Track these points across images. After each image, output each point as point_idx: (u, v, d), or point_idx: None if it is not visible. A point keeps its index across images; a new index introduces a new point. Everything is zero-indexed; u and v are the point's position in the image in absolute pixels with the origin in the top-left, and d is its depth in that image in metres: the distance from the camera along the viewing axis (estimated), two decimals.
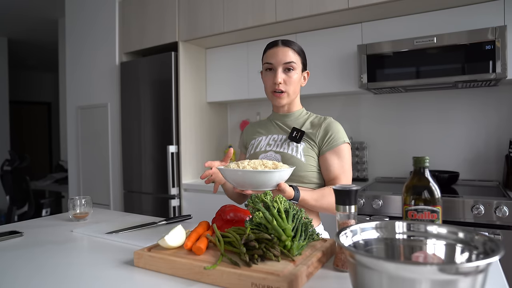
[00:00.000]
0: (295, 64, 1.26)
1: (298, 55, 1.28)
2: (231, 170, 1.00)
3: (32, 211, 4.09)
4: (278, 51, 1.26)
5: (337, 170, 1.22)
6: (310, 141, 1.26)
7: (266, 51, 1.30)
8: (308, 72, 1.36)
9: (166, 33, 2.83)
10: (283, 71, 1.26)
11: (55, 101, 7.01)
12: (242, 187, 1.02)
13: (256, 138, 1.37)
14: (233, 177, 1.01)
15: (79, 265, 0.92)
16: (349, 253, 0.58)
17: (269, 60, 1.27)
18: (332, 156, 1.23)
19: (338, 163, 1.23)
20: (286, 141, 1.28)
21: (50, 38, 5.27)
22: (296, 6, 2.30)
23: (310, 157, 1.24)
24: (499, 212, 1.64)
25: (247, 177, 0.98)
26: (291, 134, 1.27)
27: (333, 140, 1.24)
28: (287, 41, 1.29)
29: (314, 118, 1.33)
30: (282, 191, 1.02)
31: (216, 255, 0.84)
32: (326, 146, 1.24)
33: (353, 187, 0.80)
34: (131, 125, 3.01)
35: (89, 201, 1.46)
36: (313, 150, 1.25)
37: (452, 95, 2.33)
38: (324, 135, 1.25)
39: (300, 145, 1.25)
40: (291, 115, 1.34)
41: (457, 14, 2.05)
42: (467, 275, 0.50)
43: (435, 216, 0.78)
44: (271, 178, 0.98)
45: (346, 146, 1.25)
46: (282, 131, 1.33)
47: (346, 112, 2.69)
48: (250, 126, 1.46)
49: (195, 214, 1.51)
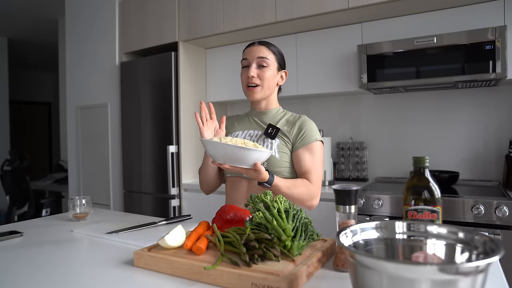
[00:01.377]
0: (268, 60, 1.32)
1: (273, 54, 1.34)
2: (213, 141, 1.04)
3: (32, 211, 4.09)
4: (253, 48, 1.34)
5: (308, 165, 1.28)
6: (285, 137, 1.31)
7: (244, 50, 1.37)
8: (286, 72, 1.41)
9: (166, 33, 2.83)
10: (257, 66, 1.32)
11: (55, 101, 7.01)
12: (221, 160, 1.07)
13: (232, 133, 1.42)
14: (214, 149, 1.05)
15: (79, 265, 0.92)
16: (349, 253, 0.58)
17: (244, 56, 1.35)
18: (305, 152, 1.29)
19: (309, 159, 1.29)
20: (262, 137, 1.34)
21: (50, 38, 5.27)
22: (296, 6, 2.30)
23: (284, 154, 1.29)
24: (499, 212, 1.64)
25: (227, 150, 1.03)
26: (266, 130, 1.33)
27: (306, 137, 1.30)
28: (264, 41, 1.36)
29: (290, 116, 1.39)
30: (257, 171, 1.08)
31: (216, 255, 0.84)
32: (299, 143, 1.30)
33: (353, 187, 0.80)
34: (131, 125, 3.00)
35: (89, 201, 1.46)
36: (286, 146, 1.31)
37: (452, 95, 2.33)
38: (298, 132, 1.31)
39: (275, 142, 1.30)
40: (268, 112, 1.40)
41: (457, 14, 2.05)
42: (467, 275, 0.50)
43: (435, 216, 0.78)
44: (251, 155, 1.03)
45: (319, 144, 1.31)
46: (258, 127, 1.38)
47: (346, 112, 2.69)
48: (228, 120, 1.50)
49: (195, 214, 1.51)
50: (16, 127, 6.73)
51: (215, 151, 1.05)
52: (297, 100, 2.87)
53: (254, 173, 1.09)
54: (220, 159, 1.06)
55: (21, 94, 7.22)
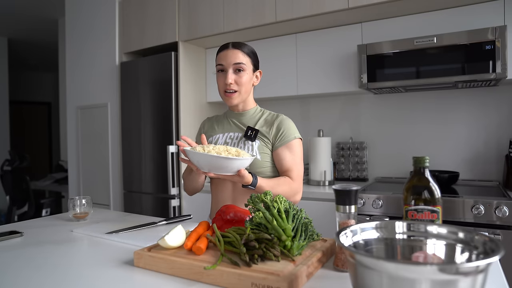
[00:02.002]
0: (244, 65, 1.33)
1: (248, 57, 1.35)
2: (197, 152, 1.06)
3: (32, 211, 4.09)
4: (228, 53, 1.33)
5: (289, 163, 1.32)
6: (264, 138, 1.34)
7: (218, 54, 1.37)
8: (261, 71, 1.43)
9: (166, 33, 2.83)
10: (234, 72, 1.33)
11: (55, 101, 7.01)
12: (204, 169, 1.09)
13: (213, 136, 1.43)
14: (198, 159, 1.08)
15: (79, 265, 0.92)
16: (349, 253, 0.58)
17: (220, 62, 1.34)
18: (285, 151, 1.32)
19: (290, 157, 1.32)
20: (242, 139, 1.35)
21: (50, 38, 5.27)
22: (296, 6, 2.30)
23: (265, 154, 1.32)
24: (499, 212, 1.64)
25: (210, 161, 1.05)
26: (246, 133, 1.34)
27: (285, 136, 1.33)
28: (237, 43, 1.36)
29: (268, 116, 1.41)
30: (242, 176, 1.11)
31: (216, 255, 0.84)
32: (278, 142, 1.33)
33: (353, 187, 0.80)
34: (131, 125, 3.00)
35: (89, 201, 1.46)
36: (267, 147, 1.33)
37: (452, 95, 2.33)
38: (276, 132, 1.34)
39: (255, 143, 1.33)
40: (246, 113, 1.42)
41: (457, 14, 2.05)
42: (467, 275, 0.50)
43: (435, 216, 0.78)
44: (234, 164, 1.07)
45: (298, 141, 1.35)
46: (238, 129, 1.40)
47: (346, 112, 2.69)
48: (208, 121, 1.52)
49: (195, 214, 1.51)
50: (16, 127, 6.73)
51: (199, 161, 1.08)
52: (297, 100, 2.87)
53: (238, 178, 1.12)
54: (205, 168, 1.09)
55: (21, 94, 7.22)
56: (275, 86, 2.63)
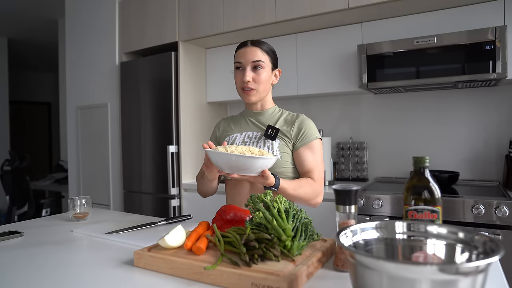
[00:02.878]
0: (263, 63, 1.31)
1: (267, 54, 1.33)
2: (220, 153, 1.04)
3: (32, 211, 4.09)
4: (247, 50, 1.31)
5: (311, 164, 1.29)
6: (285, 138, 1.31)
7: (236, 51, 1.35)
8: (280, 70, 1.41)
9: (166, 33, 2.83)
10: (252, 69, 1.31)
11: (55, 101, 7.01)
12: (228, 170, 1.06)
13: (230, 135, 1.40)
14: (220, 160, 1.05)
15: (79, 265, 0.92)
16: (349, 253, 0.58)
17: (238, 59, 1.33)
18: (306, 151, 1.29)
19: (311, 157, 1.29)
20: (262, 138, 1.33)
21: (50, 38, 5.27)
22: (296, 6, 2.30)
23: (285, 154, 1.30)
24: (499, 212, 1.64)
25: (234, 161, 1.03)
26: (266, 131, 1.31)
27: (306, 136, 1.30)
28: (256, 41, 1.34)
29: (287, 116, 1.38)
30: (265, 177, 1.08)
31: (216, 255, 0.84)
32: (300, 142, 1.30)
33: (353, 187, 0.80)
34: (131, 125, 3.00)
35: (89, 201, 1.46)
36: (287, 146, 1.31)
37: (452, 95, 2.33)
38: (297, 131, 1.31)
39: (276, 143, 1.30)
40: (265, 112, 1.39)
41: (457, 14, 2.05)
42: (467, 275, 0.50)
43: (435, 216, 0.78)
44: (257, 164, 1.04)
45: (318, 142, 1.32)
46: (256, 128, 1.37)
47: (346, 112, 2.69)
48: (223, 121, 1.49)
49: (195, 214, 1.51)
50: (16, 127, 6.73)
51: (222, 161, 1.05)
52: (297, 100, 2.87)
53: (261, 179, 1.09)
54: (227, 169, 1.06)
55: (21, 94, 7.22)
56: (275, 86, 2.61)
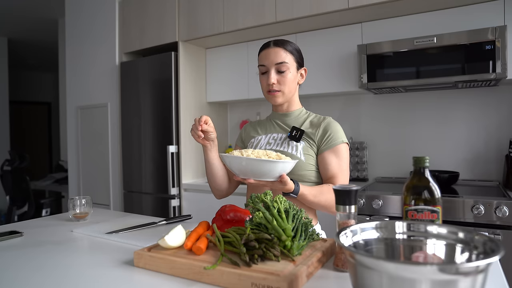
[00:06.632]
0: (287, 64, 1.27)
1: (291, 54, 1.29)
2: (235, 157, 0.98)
3: (32, 211, 4.08)
4: (270, 52, 1.28)
5: (335, 169, 1.23)
6: (310, 140, 1.27)
7: (260, 53, 1.32)
8: (306, 69, 1.37)
9: (166, 33, 2.83)
10: (276, 71, 1.27)
11: (55, 101, 7.01)
12: (244, 175, 1.01)
13: (255, 137, 1.38)
14: (236, 164, 0.99)
15: (79, 265, 0.92)
16: (349, 253, 0.58)
17: (262, 62, 1.30)
18: (331, 155, 1.24)
19: (336, 162, 1.24)
20: (286, 140, 1.29)
21: (50, 38, 5.27)
22: (296, 6, 2.30)
23: (309, 156, 1.25)
24: (499, 212, 1.64)
25: (251, 165, 0.97)
26: (290, 133, 1.28)
27: (331, 139, 1.25)
28: (279, 41, 1.29)
29: (314, 118, 1.34)
30: (283, 182, 1.03)
31: (216, 255, 0.84)
32: (324, 145, 1.25)
33: (353, 187, 0.80)
34: (131, 125, 3.00)
35: (89, 201, 1.46)
36: (312, 149, 1.26)
37: (452, 95, 2.33)
38: (323, 134, 1.26)
39: (300, 144, 1.26)
40: (291, 114, 1.35)
41: (457, 14, 2.05)
42: (467, 275, 0.50)
43: (435, 216, 0.78)
44: (275, 168, 0.97)
45: (344, 146, 1.26)
46: (281, 130, 1.34)
47: (346, 112, 2.69)
48: (250, 125, 1.47)
49: (195, 214, 1.51)
50: (16, 127, 6.73)
51: (234, 166, 0.99)
52: None
53: (279, 184, 1.04)
54: (243, 174, 1.00)
55: (21, 94, 7.22)
56: None
